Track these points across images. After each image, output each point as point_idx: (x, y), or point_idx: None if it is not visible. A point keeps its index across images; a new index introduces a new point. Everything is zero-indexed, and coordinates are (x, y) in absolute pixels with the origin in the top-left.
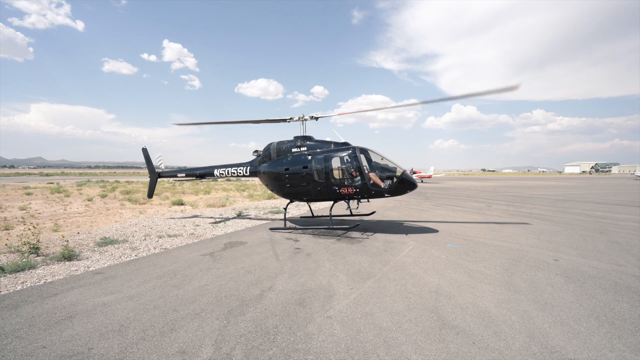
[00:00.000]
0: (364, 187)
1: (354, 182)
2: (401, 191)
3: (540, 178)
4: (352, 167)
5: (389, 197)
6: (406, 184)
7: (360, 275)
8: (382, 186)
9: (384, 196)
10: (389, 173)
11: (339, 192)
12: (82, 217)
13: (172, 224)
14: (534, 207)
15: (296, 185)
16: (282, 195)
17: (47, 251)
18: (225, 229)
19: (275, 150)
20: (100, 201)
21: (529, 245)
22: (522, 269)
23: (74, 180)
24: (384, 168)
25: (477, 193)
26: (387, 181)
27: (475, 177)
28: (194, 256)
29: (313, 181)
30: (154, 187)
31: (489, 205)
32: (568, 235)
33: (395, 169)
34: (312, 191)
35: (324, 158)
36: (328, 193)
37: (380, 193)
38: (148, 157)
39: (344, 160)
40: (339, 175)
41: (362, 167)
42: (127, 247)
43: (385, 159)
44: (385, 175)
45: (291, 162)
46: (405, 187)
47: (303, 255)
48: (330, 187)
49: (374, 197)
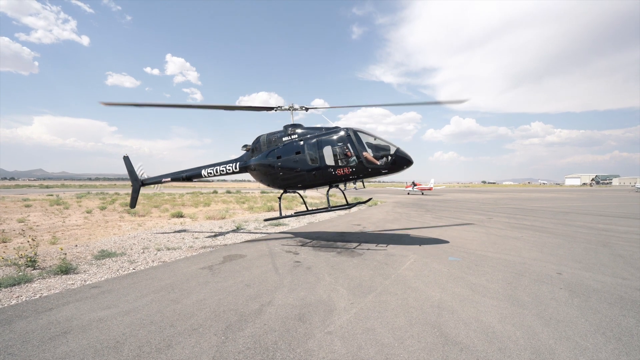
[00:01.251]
0: (359, 166)
1: (350, 163)
2: (397, 168)
3: (540, 190)
4: (346, 147)
5: (387, 174)
6: (402, 160)
7: (361, 289)
8: (378, 163)
9: (381, 173)
10: (383, 151)
11: (335, 174)
12: (81, 230)
13: (171, 236)
14: (535, 219)
15: (290, 173)
16: (276, 186)
17: (44, 264)
18: (224, 241)
19: (266, 141)
20: (99, 213)
21: (532, 259)
22: (525, 282)
23: (74, 192)
24: (377, 146)
25: (478, 205)
26: (383, 159)
27: (476, 189)
28: (193, 269)
29: (307, 166)
30: (137, 195)
31: (490, 218)
32: (571, 248)
33: (389, 147)
34: (307, 177)
35: (316, 142)
36: (324, 176)
37: (377, 170)
38: (130, 165)
39: (337, 141)
40: (334, 158)
41: (356, 147)
42: (125, 260)
43: (379, 139)
44: (380, 154)
45: (283, 150)
46: (401, 163)
47: (303, 269)
48: (326, 170)
49: (370, 175)
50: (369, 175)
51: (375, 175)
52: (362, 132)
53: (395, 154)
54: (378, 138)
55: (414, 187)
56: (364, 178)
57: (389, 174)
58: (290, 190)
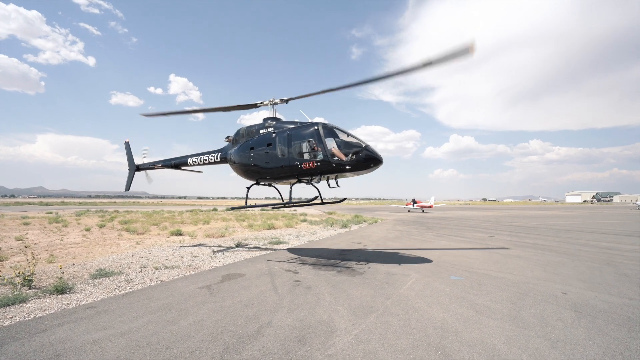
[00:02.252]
0: (324, 161)
1: (316, 157)
2: (364, 166)
3: (541, 208)
4: (314, 142)
5: (352, 172)
6: (370, 158)
7: (362, 309)
8: (345, 159)
9: (345, 170)
10: (352, 148)
11: (301, 168)
12: (79, 248)
13: (170, 254)
14: (537, 237)
15: (260, 164)
16: (250, 177)
17: (40, 283)
18: (223, 260)
19: (245, 133)
20: (98, 231)
21: (536, 278)
22: (530, 302)
23: (74, 209)
24: (347, 143)
25: (479, 223)
26: (350, 155)
27: (477, 207)
28: (191, 289)
29: (276, 158)
30: (131, 180)
31: (492, 236)
32: (575, 267)
33: (359, 144)
34: (275, 169)
35: (287, 135)
36: (291, 170)
37: (341, 167)
38: (129, 151)
39: (307, 135)
40: (301, 151)
41: (324, 141)
42: (122, 279)
43: (351, 136)
44: (348, 151)
45: (256, 142)
46: (368, 160)
47: (303, 288)
48: (293, 162)
49: (335, 171)
50: (334, 171)
51: (340, 172)
52: (335, 128)
53: (362, 151)
54: (351, 135)
55: (415, 205)
56: (330, 174)
57: (354, 171)
58: (262, 183)
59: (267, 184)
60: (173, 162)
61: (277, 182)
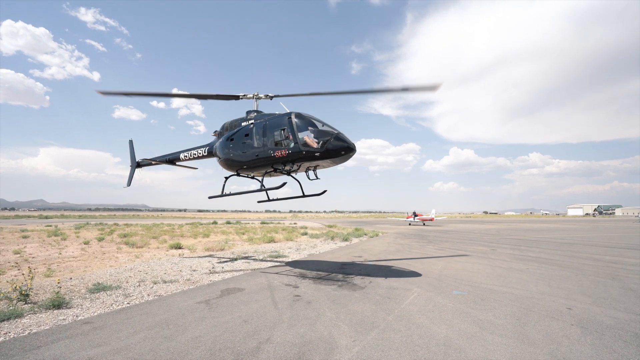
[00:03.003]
0: (295, 148)
1: (288, 146)
2: (335, 153)
3: (543, 221)
4: (287, 130)
5: (323, 160)
6: (339, 145)
7: (363, 325)
8: (315, 147)
9: (315, 157)
10: (324, 136)
11: (274, 156)
12: (77, 262)
13: (169, 268)
14: (540, 251)
15: (239, 155)
16: (231, 169)
17: (37, 298)
18: (222, 274)
19: (229, 127)
20: (96, 244)
21: (540, 292)
22: (534, 318)
23: (73, 222)
24: (319, 131)
25: (481, 236)
26: (321, 143)
27: (478, 220)
28: (189, 304)
29: (252, 148)
30: (132, 175)
31: (494, 249)
32: (579, 281)
33: (330, 132)
34: (251, 159)
35: (263, 126)
36: (265, 159)
37: (312, 154)
38: (132, 148)
39: (280, 125)
40: (275, 140)
41: (295, 130)
42: (120, 294)
43: (326, 125)
44: (319, 138)
45: (236, 134)
46: (338, 147)
47: (303, 303)
48: (267, 151)
49: (307, 158)
50: (305, 159)
51: (311, 159)
52: (309, 117)
53: (332, 139)
54: (326, 125)
55: (415, 218)
56: (302, 162)
57: (326, 158)
58: (243, 174)
59: (246, 175)
60: (168, 158)
61: (254, 171)
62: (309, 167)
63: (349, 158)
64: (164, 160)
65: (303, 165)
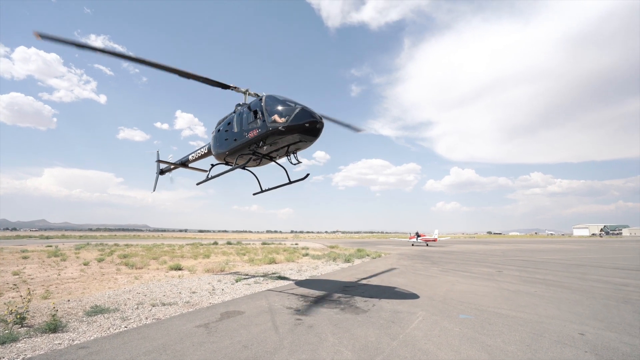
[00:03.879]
0: (264, 127)
1: (258, 125)
2: (299, 126)
3: (549, 241)
4: (259, 112)
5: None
6: (303, 118)
7: (367, 351)
8: (280, 121)
9: (282, 132)
10: (289, 111)
11: (248, 137)
12: (76, 283)
13: (168, 290)
14: (547, 272)
15: (223, 143)
16: (219, 159)
17: (33, 321)
18: (222, 296)
19: (221, 121)
20: (96, 265)
21: (550, 317)
22: (545, 344)
23: (74, 243)
24: (286, 107)
25: (486, 257)
26: (286, 117)
27: (482, 240)
28: (188, 328)
29: (232, 134)
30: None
31: (500, 271)
32: (590, 305)
33: (295, 106)
34: (232, 146)
35: (240, 112)
36: (242, 142)
37: (276, 128)
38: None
39: (254, 107)
40: (248, 122)
41: (264, 110)
42: (118, 317)
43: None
44: (285, 114)
45: (223, 124)
46: (302, 121)
47: (304, 327)
48: (242, 135)
49: (274, 134)
50: (274, 135)
51: (279, 135)
52: (278, 96)
53: (297, 111)
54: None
55: (418, 238)
56: (270, 138)
57: (292, 132)
58: (230, 163)
59: (232, 163)
60: (181, 161)
61: (237, 157)
62: (288, 150)
63: (315, 132)
64: (179, 163)
65: (276, 145)
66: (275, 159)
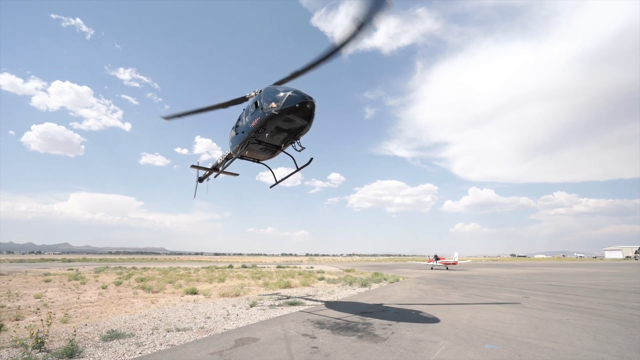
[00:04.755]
0: (262, 114)
1: (258, 114)
2: (291, 108)
3: (578, 264)
4: (259, 102)
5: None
6: (293, 99)
7: None
8: (275, 106)
9: (276, 115)
10: (281, 95)
11: (251, 127)
12: (93, 307)
13: (183, 315)
14: (580, 299)
15: (235, 140)
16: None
17: (52, 345)
18: (237, 322)
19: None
20: (114, 289)
21: (586, 348)
22: None
23: (94, 266)
24: (278, 94)
25: (511, 282)
26: (279, 101)
27: (505, 264)
28: (201, 355)
29: (241, 128)
30: (195, 190)
31: (527, 297)
32: (630, 335)
33: (287, 90)
34: (241, 138)
35: (247, 107)
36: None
37: (270, 113)
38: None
39: (255, 100)
40: (251, 114)
41: (262, 99)
42: (133, 343)
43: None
44: (278, 98)
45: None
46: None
47: (321, 356)
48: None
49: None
50: (271, 120)
51: (274, 119)
52: (275, 86)
53: (289, 94)
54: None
55: (438, 261)
56: (268, 123)
57: (286, 114)
58: (246, 157)
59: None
60: (213, 166)
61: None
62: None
63: (306, 111)
64: (212, 168)
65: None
66: (283, 149)
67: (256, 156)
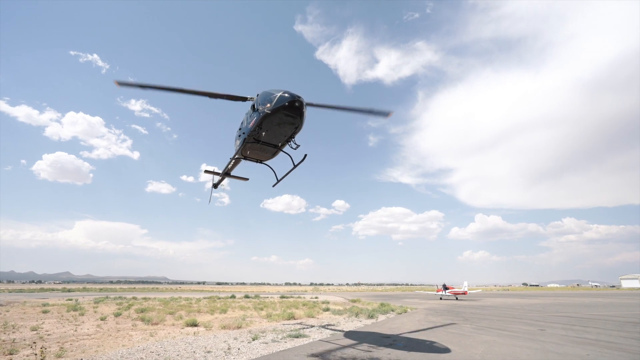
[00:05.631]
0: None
1: (255, 115)
2: (281, 108)
3: (594, 294)
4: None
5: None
6: (283, 99)
7: None
8: (268, 107)
9: (267, 114)
10: (273, 96)
11: (249, 128)
12: (90, 340)
13: (182, 349)
14: (599, 332)
15: (238, 139)
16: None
17: None
18: (238, 356)
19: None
20: (112, 320)
21: None
22: None
23: (93, 296)
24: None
25: (524, 313)
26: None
27: (517, 293)
28: None
29: (243, 129)
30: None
31: (543, 330)
32: None
33: (280, 91)
34: (243, 139)
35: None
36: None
37: (264, 113)
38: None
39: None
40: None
41: (258, 102)
42: None
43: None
44: (271, 99)
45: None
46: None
47: None
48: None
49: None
50: (265, 119)
51: (268, 118)
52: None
53: (279, 95)
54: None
55: (446, 291)
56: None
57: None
58: (249, 157)
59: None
60: (224, 171)
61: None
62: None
63: (295, 109)
64: (222, 173)
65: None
66: (281, 148)
67: (258, 156)
